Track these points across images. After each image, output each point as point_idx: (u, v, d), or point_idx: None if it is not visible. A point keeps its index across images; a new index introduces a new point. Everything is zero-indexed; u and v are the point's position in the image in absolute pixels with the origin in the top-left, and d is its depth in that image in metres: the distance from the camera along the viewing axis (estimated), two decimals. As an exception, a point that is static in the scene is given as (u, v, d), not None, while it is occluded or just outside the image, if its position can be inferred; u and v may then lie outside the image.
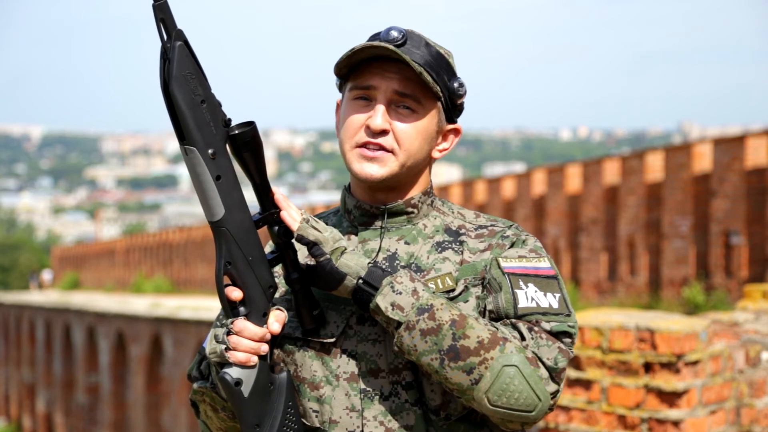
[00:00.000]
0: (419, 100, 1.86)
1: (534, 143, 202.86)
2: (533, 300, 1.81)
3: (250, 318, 1.76)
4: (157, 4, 1.63)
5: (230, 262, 1.74)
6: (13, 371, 37.13)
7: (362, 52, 1.83)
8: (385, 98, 1.85)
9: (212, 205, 1.71)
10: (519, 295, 1.81)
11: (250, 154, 1.73)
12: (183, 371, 21.41)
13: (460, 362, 1.72)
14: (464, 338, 1.72)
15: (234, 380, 1.74)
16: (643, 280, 15.55)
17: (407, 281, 1.76)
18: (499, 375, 1.72)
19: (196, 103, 1.66)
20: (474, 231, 1.93)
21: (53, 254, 54.19)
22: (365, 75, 1.86)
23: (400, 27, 1.87)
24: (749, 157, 13.68)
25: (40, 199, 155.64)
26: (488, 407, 1.74)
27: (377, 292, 1.76)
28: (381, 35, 1.87)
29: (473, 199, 19.84)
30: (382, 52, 1.82)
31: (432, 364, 1.74)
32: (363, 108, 1.87)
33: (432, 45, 1.89)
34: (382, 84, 1.85)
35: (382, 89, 1.85)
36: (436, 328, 1.73)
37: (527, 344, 1.76)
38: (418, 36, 1.88)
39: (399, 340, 1.75)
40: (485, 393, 1.72)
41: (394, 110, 1.86)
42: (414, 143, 1.86)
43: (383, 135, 1.85)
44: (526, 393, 1.73)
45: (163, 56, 1.65)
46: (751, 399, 4.50)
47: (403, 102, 1.86)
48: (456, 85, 1.90)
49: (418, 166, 1.90)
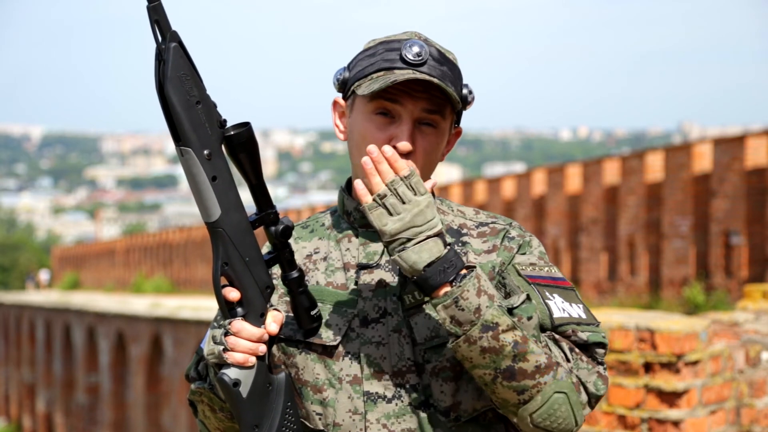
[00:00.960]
0: (444, 115, 1.85)
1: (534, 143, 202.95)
2: (564, 310, 1.82)
3: (248, 319, 1.75)
4: (151, 5, 1.63)
5: (227, 263, 1.73)
6: (13, 371, 37.14)
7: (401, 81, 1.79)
8: (412, 118, 1.83)
9: (208, 206, 1.71)
10: (551, 306, 1.81)
11: (246, 155, 1.72)
12: (183, 371, 21.37)
13: (513, 382, 1.72)
14: (523, 361, 1.71)
15: (232, 381, 1.74)
16: (643, 280, 15.56)
17: (473, 297, 1.71)
18: (548, 400, 1.73)
19: (192, 104, 1.66)
20: (475, 229, 1.92)
21: (53, 254, 54.22)
22: (392, 93, 1.83)
23: (419, 41, 1.84)
24: (749, 157, 13.69)
25: (40, 199, 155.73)
26: (528, 425, 1.75)
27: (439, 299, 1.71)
28: (404, 53, 1.82)
29: (473, 199, 19.84)
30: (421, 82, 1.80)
31: (484, 378, 1.73)
32: (385, 125, 1.84)
33: (444, 52, 1.87)
34: (409, 104, 1.82)
35: (409, 109, 1.83)
36: (498, 348, 1.70)
37: (571, 366, 1.77)
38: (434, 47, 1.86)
39: (456, 347, 1.73)
40: (531, 413, 1.73)
41: (417, 128, 1.84)
42: (432, 157, 1.86)
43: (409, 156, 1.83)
44: (569, 419, 1.75)
45: (158, 58, 1.66)
46: (751, 399, 4.50)
47: (428, 119, 1.84)
48: (466, 92, 1.89)
49: (428, 175, 1.89)
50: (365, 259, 1.89)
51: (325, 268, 1.91)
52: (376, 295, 1.86)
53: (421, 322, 1.84)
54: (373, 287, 1.87)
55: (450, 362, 1.83)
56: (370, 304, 1.86)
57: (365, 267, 1.88)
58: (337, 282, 1.89)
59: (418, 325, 1.84)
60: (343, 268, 1.90)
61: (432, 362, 1.83)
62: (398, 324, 1.84)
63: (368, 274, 1.88)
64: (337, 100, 1.95)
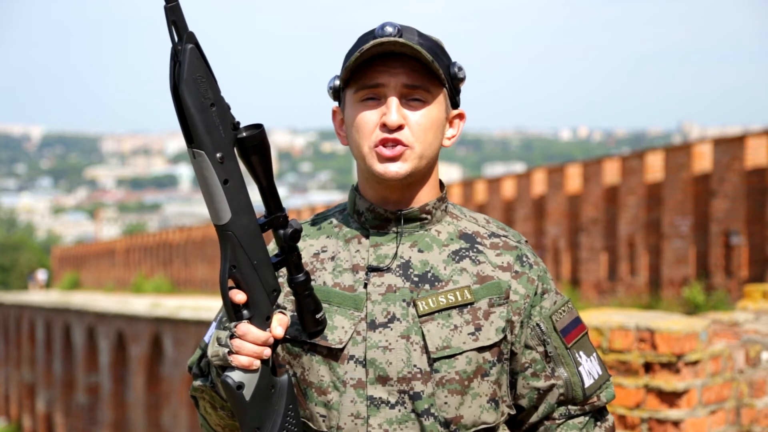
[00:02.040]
0: (428, 89, 1.84)
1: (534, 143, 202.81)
2: (590, 375, 1.92)
3: (254, 321, 1.74)
4: (169, 6, 1.62)
5: (235, 266, 1.72)
6: (13, 371, 37.13)
7: (369, 51, 1.81)
8: (396, 93, 1.83)
9: (219, 209, 1.70)
10: (583, 375, 1.91)
11: (258, 158, 1.72)
12: (183, 371, 21.41)
13: None
14: None
15: (236, 384, 1.73)
16: (643, 280, 15.56)
17: None
18: None
19: (206, 106, 1.65)
20: (488, 239, 1.92)
21: (53, 254, 54.19)
22: (370, 75, 1.84)
23: (392, 22, 1.85)
24: (749, 157, 13.69)
25: (40, 199, 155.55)
26: None
27: None
28: (376, 32, 1.84)
29: (473, 199, 19.84)
30: (390, 47, 1.80)
31: None
32: (373, 107, 1.85)
33: (425, 34, 1.87)
34: (391, 80, 1.83)
35: (391, 85, 1.83)
36: None
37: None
38: (410, 28, 1.86)
39: None
40: None
41: (405, 104, 1.84)
42: (429, 134, 1.85)
43: (400, 130, 1.83)
44: None
45: (173, 58, 1.64)
46: (751, 399, 4.50)
47: (413, 94, 1.84)
48: (456, 69, 1.88)
49: (433, 157, 1.89)
50: (376, 261, 1.87)
51: (332, 268, 1.90)
52: (385, 299, 1.85)
53: (434, 330, 1.83)
54: (383, 291, 1.85)
55: (459, 375, 1.82)
56: (378, 308, 1.84)
57: (375, 270, 1.87)
58: (345, 283, 1.87)
59: (431, 333, 1.83)
60: (351, 269, 1.88)
61: (441, 372, 1.82)
62: (406, 330, 1.83)
63: (378, 277, 1.86)
64: (335, 108, 1.95)
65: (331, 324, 1.85)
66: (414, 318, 1.83)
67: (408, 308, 1.84)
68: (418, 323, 1.83)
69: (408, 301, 1.84)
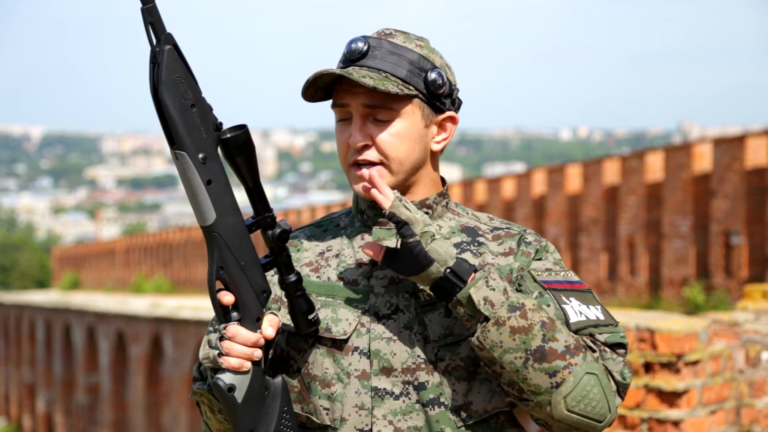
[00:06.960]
0: (391, 107, 1.86)
1: (534, 143, 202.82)
2: (581, 314, 1.84)
3: (243, 323, 1.75)
4: (145, 7, 1.63)
5: (222, 267, 1.73)
6: (13, 371, 37.12)
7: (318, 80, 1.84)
8: (359, 113, 1.86)
9: (203, 209, 1.70)
10: (567, 311, 1.83)
11: (243, 158, 1.72)
12: (183, 371, 21.41)
13: (545, 364, 1.73)
14: (553, 341, 1.73)
15: (227, 386, 1.73)
16: (643, 280, 15.56)
17: (499, 279, 1.77)
18: (580, 381, 1.74)
19: (186, 107, 1.66)
20: (490, 233, 1.93)
21: (53, 254, 54.18)
22: (339, 93, 1.88)
23: (365, 37, 1.87)
24: (749, 157, 13.69)
25: (40, 199, 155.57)
26: (563, 412, 1.74)
27: (467, 284, 1.76)
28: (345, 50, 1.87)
29: (473, 199, 19.84)
30: (330, 78, 1.84)
31: (515, 363, 1.73)
32: (345, 128, 1.89)
33: (401, 45, 1.87)
34: (352, 101, 1.86)
35: (354, 106, 1.86)
36: (527, 327, 1.73)
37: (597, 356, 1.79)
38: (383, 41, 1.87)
39: (484, 334, 1.74)
40: (564, 397, 1.73)
41: (371, 122, 1.87)
42: (400, 149, 1.87)
43: (366, 149, 1.86)
44: (602, 403, 1.75)
45: (152, 60, 1.65)
46: (751, 399, 4.50)
47: (374, 114, 1.86)
48: (433, 76, 1.87)
49: (417, 165, 1.90)
50: None
51: (337, 264, 1.92)
52: (388, 291, 1.87)
53: (435, 319, 1.85)
54: (386, 284, 1.87)
55: (464, 361, 1.83)
56: (381, 300, 1.86)
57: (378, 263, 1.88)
58: (349, 278, 1.89)
59: (432, 323, 1.84)
60: (355, 264, 1.90)
61: (445, 360, 1.84)
62: (410, 321, 1.85)
63: (381, 270, 1.88)
64: None
65: (336, 317, 1.87)
66: (417, 308, 1.85)
67: (411, 299, 1.86)
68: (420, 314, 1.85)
69: (411, 292, 1.86)
